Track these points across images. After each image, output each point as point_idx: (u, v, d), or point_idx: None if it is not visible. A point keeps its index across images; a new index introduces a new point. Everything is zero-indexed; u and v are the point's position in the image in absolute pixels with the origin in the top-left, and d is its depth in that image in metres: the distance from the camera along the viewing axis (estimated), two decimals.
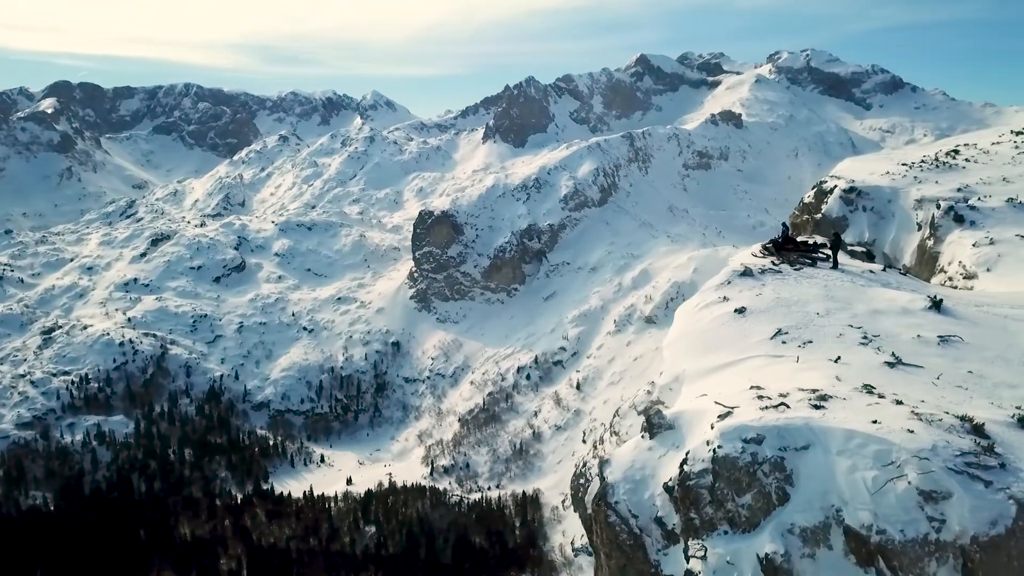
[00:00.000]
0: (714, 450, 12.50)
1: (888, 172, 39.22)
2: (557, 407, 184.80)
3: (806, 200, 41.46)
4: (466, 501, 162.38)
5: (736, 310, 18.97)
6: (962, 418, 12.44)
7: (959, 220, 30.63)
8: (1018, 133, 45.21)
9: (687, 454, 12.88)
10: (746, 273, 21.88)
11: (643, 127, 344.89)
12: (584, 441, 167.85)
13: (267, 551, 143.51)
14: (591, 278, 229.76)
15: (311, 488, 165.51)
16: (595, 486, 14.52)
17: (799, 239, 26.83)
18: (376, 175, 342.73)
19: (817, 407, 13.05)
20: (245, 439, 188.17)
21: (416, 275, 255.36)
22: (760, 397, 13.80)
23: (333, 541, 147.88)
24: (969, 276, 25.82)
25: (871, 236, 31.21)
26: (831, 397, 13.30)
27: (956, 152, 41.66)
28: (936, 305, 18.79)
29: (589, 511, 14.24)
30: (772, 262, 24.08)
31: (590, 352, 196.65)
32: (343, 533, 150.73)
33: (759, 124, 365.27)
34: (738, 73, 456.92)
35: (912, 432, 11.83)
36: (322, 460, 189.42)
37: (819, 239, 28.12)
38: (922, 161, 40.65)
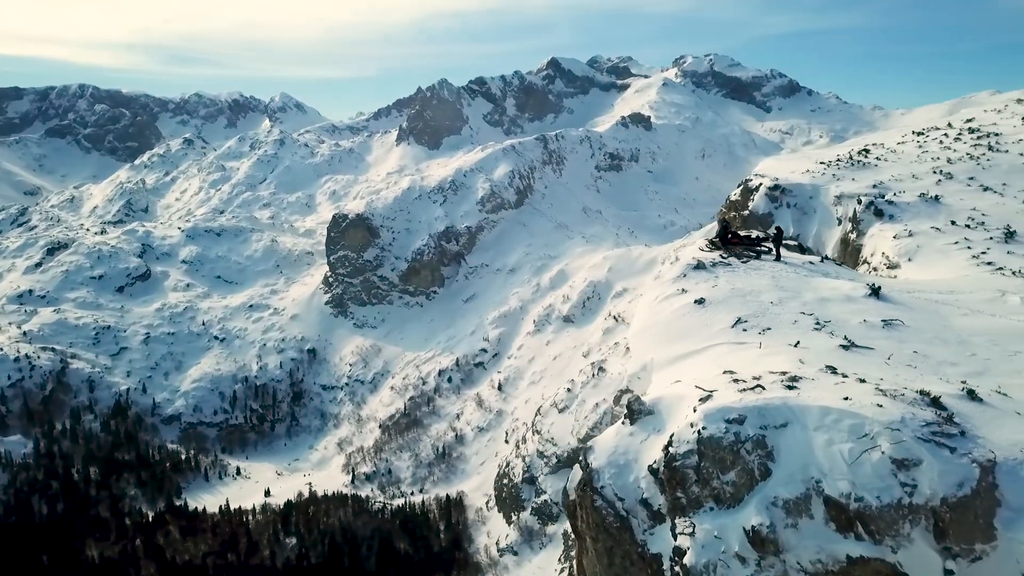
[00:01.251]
0: (699, 431, 13.14)
1: (808, 170, 41.39)
2: (479, 408, 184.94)
3: (733, 197, 43.31)
4: (389, 507, 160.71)
5: (696, 301, 19.82)
6: (921, 392, 13.44)
7: (879, 214, 32.67)
8: (918, 134, 48.30)
9: (671, 436, 13.32)
10: (699, 266, 22.94)
11: (556, 129, 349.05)
12: (507, 441, 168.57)
13: (182, 569, 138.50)
14: (510, 279, 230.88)
15: (227, 502, 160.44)
16: (576, 474, 14.74)
17: (742, 233, 27.91)
18: (287, 178, 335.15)
19: (790, 387, 13.87)
20: (155, 454, 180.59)
21: (331, 280, 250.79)
22: (736, 380, 14.52)
23: (252, 555, 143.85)
24: (892, 266, 27.52)
25: (795, 231, 32.70)
26: (801, 378, 14.11)
27: (867, 151, 44.24)
28: (875, 292, 20.12)
29: (572, 498, 14.48)
30: (720, 255, 25.03)
31: (511, 353, 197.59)
32: (263, 546, 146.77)
33: (667, 126, 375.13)
34: (646, 76, 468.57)
35: (881, 406, 12.80)
36: (238, 472, 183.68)
37: (758, 233, 29.29)
38: (838, 160, 43.02)
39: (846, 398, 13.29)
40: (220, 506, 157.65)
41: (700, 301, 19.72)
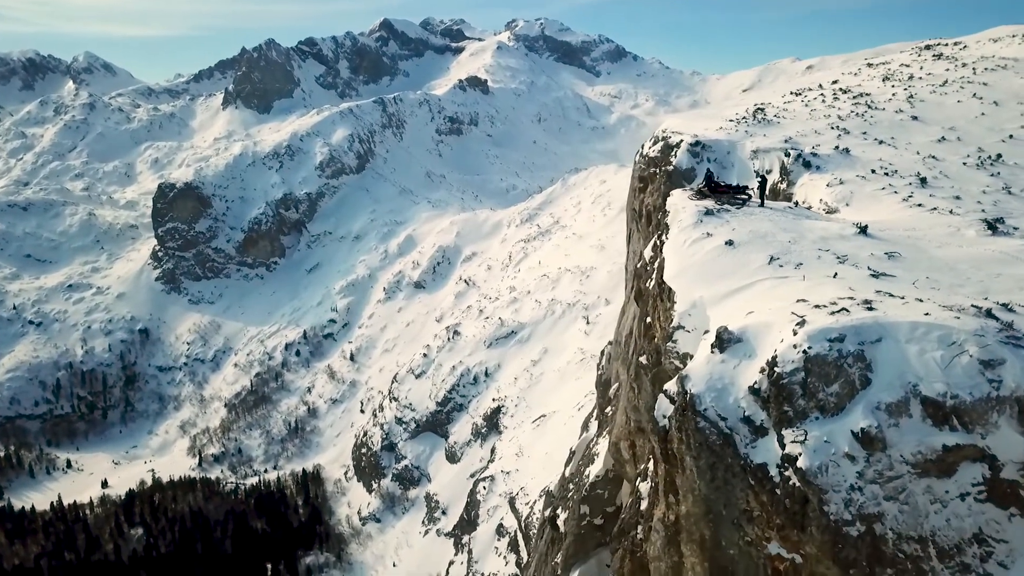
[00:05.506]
0: (805, 351, 14.86)
1: (721, 127, 44.46)
2: (331, 380, 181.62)
3: (651, 154, 45.05)
4: (242, 487, 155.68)
5: (726, 242, 21.45)
6: (974, 306, 16.10)
7: (807, 165, 35.97)
8: (797, 94, 52.81)
9: (774, 357, 15.15)
10: (709, 212, 24.72)
11: (392, 92, 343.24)
12: (363, 411, 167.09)
13: (12, 575, 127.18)
14: (356, 247, 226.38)
15: (59, 498, 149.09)
16: (664, 403, 16.33)
17: (724, 183, 29.53)
18: (100, 146, 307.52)
19: (870, 309, 15.99)
20: None
21: (160, 254, 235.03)
22: (817, 307, 16.40)
23: (94, 551, 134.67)
24: (831, 211, 30.19)
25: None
26: (872, 301, 16.02)
27: (763, 110, 47.63)
28: (863, 230, 22.65)
29: (662, 424, 15.98)
30: (716, 203, 26.42)
31: (361, 322, 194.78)
32: (104, 540, 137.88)
33: (504, 90, 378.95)
34: (480, 40, 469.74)
35: (958, 318, 15.30)
36: (68, 466, 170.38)
37: (725, 181, 31.06)
38: (743, 118, 46.21)
39: (926, 314, 15.52)
40: (52, 503, 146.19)
41: (730, 243, 21.53)
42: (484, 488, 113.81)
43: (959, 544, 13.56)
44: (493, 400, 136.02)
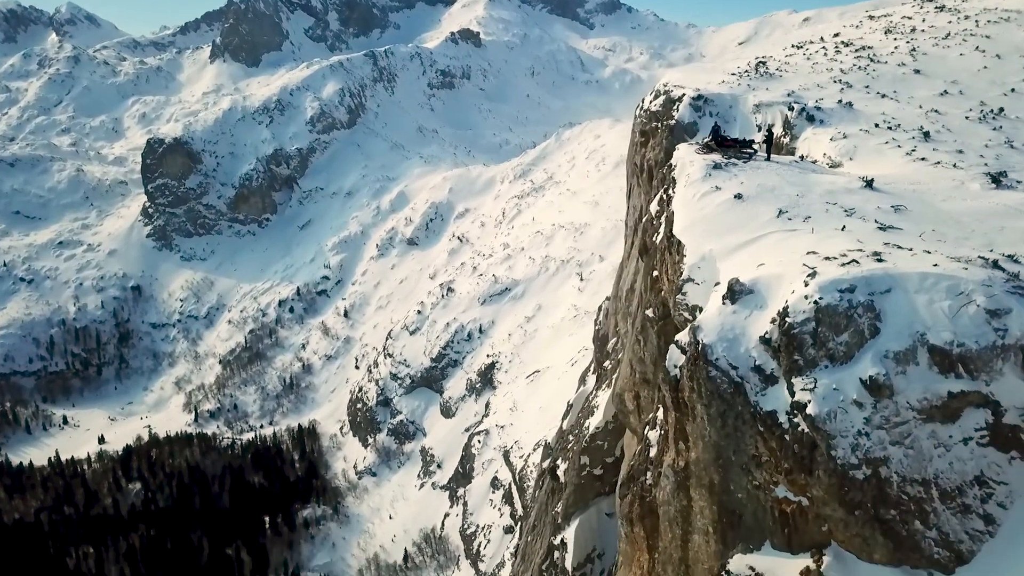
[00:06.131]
0: (816, 301, 15.24)
1: (724, 81, 44.41)
2: (326, 337, 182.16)
3: (653, 109, 44.72)
4: (239, 443, 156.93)
5: (735, 196, 21.59)
6: (981, 257, 16.59)
7: (810, 119, 36.01)
8: (798, 47, 52.28)
9: (786, 308, 15.52)
10: (717, 166, 24.75)
11: (383, 45, 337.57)
12: (357, 367, 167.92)
13: (12, 528, 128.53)
14: (348, 203, 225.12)
15: (57, 453, 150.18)
16: (675, 354, 16.84)
17: (731, 137, 29.49)
18: (87, 101, 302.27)
19: (879, 260, 16.37)
20: None
21: (151, 211, 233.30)
22: (827, 258, 16.74)
23: (93, 505, 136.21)
24: (835, 165, 30.18)
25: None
26: (881, 252, 16.60)
27: (764, 63, 47.26)
28: (869, 184, 22.82)
29: (673, 374, 16.45)
30: (723, 157, 26.32)
31: (355, 279, 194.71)
32: (103, 495, 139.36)
33: (496, 43, 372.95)
34: None
35: (967, 269, 15.72)
36: (65, 422, 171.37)
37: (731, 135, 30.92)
38: (745, 71, 45.90)
39: (935, 265, 15.90)
40: (49, 458, 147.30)
41: (739, 196, 21.71)
42: (479, 442, 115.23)
43: (961, 486, 14.10)
44: (487, 356, 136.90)
